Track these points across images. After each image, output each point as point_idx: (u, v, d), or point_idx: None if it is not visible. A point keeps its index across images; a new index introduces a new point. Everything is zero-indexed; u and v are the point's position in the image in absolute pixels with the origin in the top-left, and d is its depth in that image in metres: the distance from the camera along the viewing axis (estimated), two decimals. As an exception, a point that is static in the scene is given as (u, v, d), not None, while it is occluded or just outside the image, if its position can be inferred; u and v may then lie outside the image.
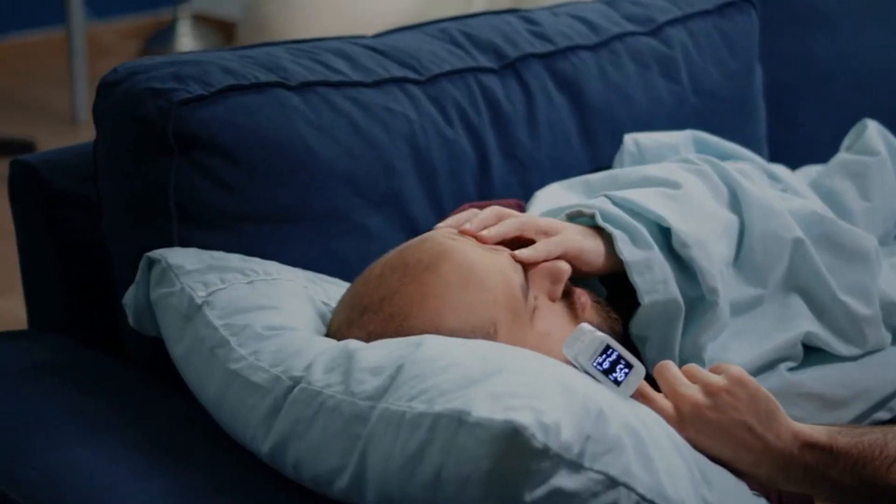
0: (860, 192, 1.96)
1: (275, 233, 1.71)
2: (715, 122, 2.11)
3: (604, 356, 1.41)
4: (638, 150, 1.92)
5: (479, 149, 1.88)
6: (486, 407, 1.27)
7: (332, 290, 1.65)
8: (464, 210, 1.67)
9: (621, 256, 1.59)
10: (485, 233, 1.57)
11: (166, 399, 1.60)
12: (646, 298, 1.59)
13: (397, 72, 1.86)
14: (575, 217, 1.65)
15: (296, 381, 1.43)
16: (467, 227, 1.58)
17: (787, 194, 1.88)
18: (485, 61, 1.94)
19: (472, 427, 1.26)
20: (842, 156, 2.02)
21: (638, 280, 1.59)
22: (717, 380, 1.45)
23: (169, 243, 1.67)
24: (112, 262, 1.72)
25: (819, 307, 1.73)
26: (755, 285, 1.72)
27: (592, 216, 1.63)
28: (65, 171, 1.80)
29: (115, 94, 1.70)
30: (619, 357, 1.41)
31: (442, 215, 1.79)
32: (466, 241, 1.54)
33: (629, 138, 1.91)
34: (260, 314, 1.53)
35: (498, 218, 1.60)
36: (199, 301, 1.56)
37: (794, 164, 2.14)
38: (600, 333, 1.42)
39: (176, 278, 1.59)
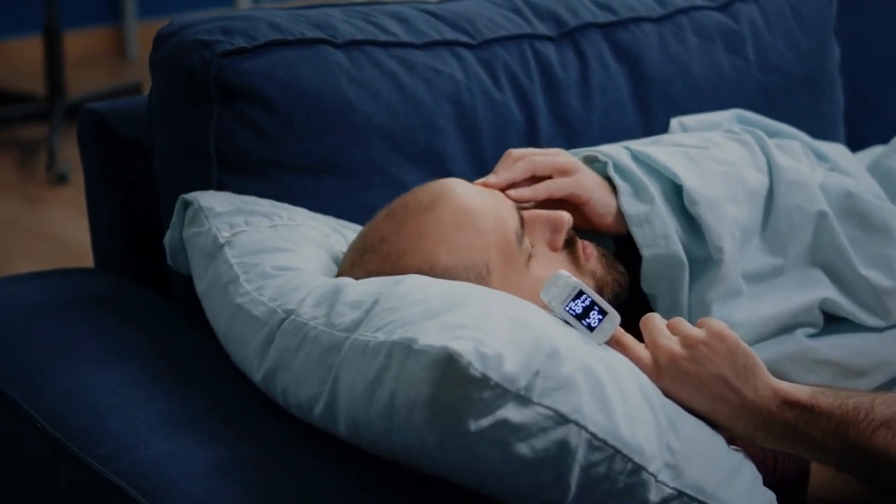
0: None
1: (310, 182, 1.78)
2: (782, 98, 2.12)
3: (577, 301, 1.44)
4: (683, 131, 1.94)
5: (527, 112, 1.93)
6: (432, 336, 1.32)
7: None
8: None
9: (622, 208, 1.62)
10: (492, 179, 1.62)
11: (194, 335, 1.68)
12: (645, 251, 1.63)
13: (450, 35, 1.92)
14: (592, 161, 1.69)
15: (288, 314, 1.50)
16: (481, 179, 1.64)
17: (832, 172, 1.88)
18: (543, 29, 1.99)
19: (417, 354, 1.32)
20: (903, 136, 2.02)
21: (637, 232, 1.62)
22: (696, 332, 1.48)
23: (208, 187, 1.76)
24: (161, 204, 1.82)
25: (842, 280, 1.73)
26: (777, 255, 1.73)
27: (606, 164, 1.66)
28: (128, 119, 1.91)
29: (167, 45, 1.80)
30: (594, 303, 1.45)
31: (484, 173, 1.84)
32: (470, 185, 1.60)
33: (675, 122, 1.94)
34: (274, 255, 1.60)
35: (515, 161, 1.65)
36: (221, 241, 1.64)
37: (873, 146, 2.14)
38: (574, 279, 1.45)
39: (206, 219, 1.68)
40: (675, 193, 1.68)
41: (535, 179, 1.66)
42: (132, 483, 1.41)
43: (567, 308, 1.44)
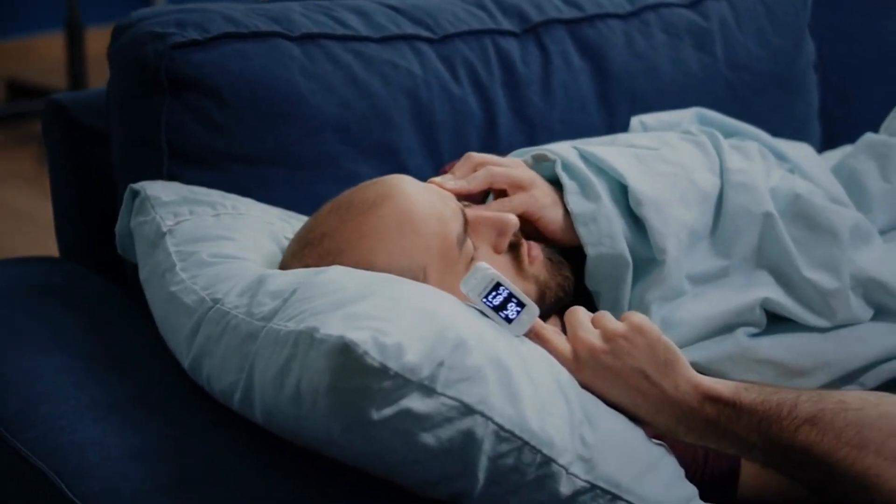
0: (881, 173, 1.95)
1: (261, 174, 1.80)
2: (751, 96, 2.12)
3: (494, 293, 1.45)
4: (644, 130, 1.94)
5: (486, 107, 1.94)
6: (334, 325, 1.33)
7: (303, 228, 1.73)
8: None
9: (568, 207, 1.63)
10: (450, 185, 1.63)
11: (138, 322, 1.70)
12: (590, 250, 1.63)
13: (410, 29, 1.93)
14: (540, 160, 1.70)
15: (216, 302, 1.51)
16: (437, 179, 1.65)
17: (788, 174, 1.88)
18: (507, 25, 2.00)
19: (318, 343, 1.32)
20: (869, 136, 2.00)
21: (582, 231, 1.63)
22: (617, 326, 1.48)
23: (159, 178, 1.78)
24: (118, 194, 1.84)
25: (787, 282, 1.73)
26: (723, 257, 1.73)
27: (554, 163, 1.67)
28: (91, 110, 1.93)
29: (124, 37, 1.82)
30: (511, 295, 1.45)
31: (440, 166, 1.86)
32: (419, 185, 1.60)
33: (636, 120, 1.94)
34: (212, 244, 1.62)
35: (475, 167, 1.66)
36: (164, 229, 1.66)
37: (848, 143, 2.13)
38: (492, 271, 1.46)
39: (151, 208, 1.70)
40: (623, 194, 1.69)
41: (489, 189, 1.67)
42: (52, 466, 1.44)
43: (484, 300, 1.45)
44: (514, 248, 1.63)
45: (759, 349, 1.70)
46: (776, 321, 1.74)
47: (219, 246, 1.62)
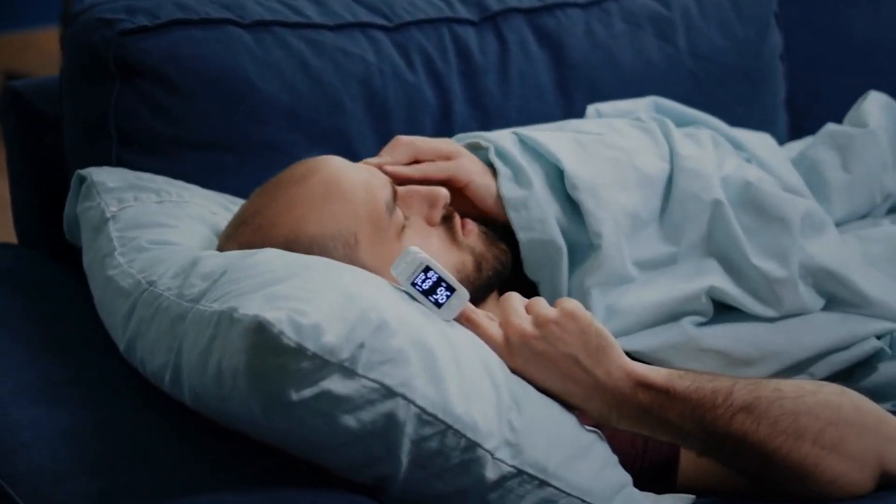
0: (842, 164, 1.94)
1: (211, 160, 1.81)
2: (715, 87, 2.11)
3: (424, 277, 1.44)
4: (599, 118, 1.94)
5: (441, 95, 1.94)
6: (253, 305, 1.33)
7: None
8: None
9: (500, 192, 1.63)
10: (374, 161, 1.64)
11: (81, 307, 1.70)
12: (521, 235, 1.63)
13: (365, 17, 1.93)
14: (476, 148, 1.70)
15: (150, 285, 1.51)
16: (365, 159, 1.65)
17: (744, 163, 1.87)
18: (465, 13, 1.99)
19: (236, 323, 1.32)
20: (830, 126, 2.00)
21: (514, 216, 1.63)
22: (548, 311, 1.47)
23: (109, 164, 1.78)
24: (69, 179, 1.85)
25: (735, 270, 1.72)
26: (671, 243, 1.73)
27: (488, 149, 1.67)
28: (46, 96, 1.93)
29: (75, 23, 1.83)
30: (441, 279, 1.45)
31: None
32: (346, 160, 1.62)
33: (591, 108, 1.94)
34: (153, 230, 1.63)
35: (399, 145, 1.67)
36: (108, 215, 1.66)
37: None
38: (422, 255, 1.45)
39: (97, 194, 1.70)
40: (561, 179, 1.68)
41: (417, 163, 1.67)
42: (-16, 447, 1.44)
43: (413, 283, 1.44)
44: (447, 220, 1.64)
45: (705, 338, 1.69)
46: (723, 311, 1.73)
47: (159, 233, 1.62)
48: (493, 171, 1.69)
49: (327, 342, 1.31)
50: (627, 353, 1.64)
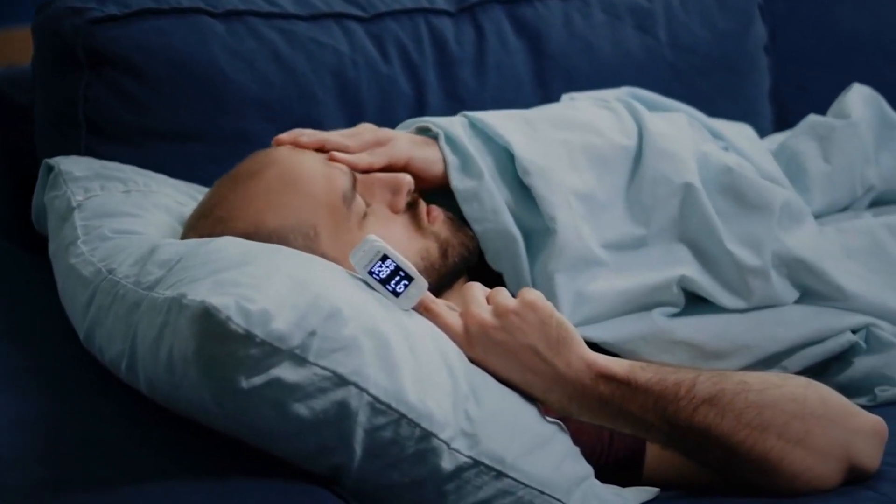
0: (822, 155, 1.92)
1: (180, 150, 1.80)
2: (696, 79, 2.10)
3: (381, 266, 1.43)
4: None
5: (416, 86, 1.93)
6: (202, 291, 1.31)
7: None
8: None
9: (451, 184, 1.62)
10: (303, 140, 1.63)
11: (47, 296, 1.69)
12: (476, 227, 1.62)
13: (340, 8, 1.92)
14: (426, 132, 1.68)
15: (110, 273, 1.50)
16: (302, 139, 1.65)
17: (726, 152, 1.85)
18: (442, 4, 1.99)
19: (184, 309, 1.31)
20: (812, 117, 1.98)
21: (466, 208, 1.62)
22: (509, 302, 1.45)
23: (77, 153, 1.77)
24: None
25: (706, 256, 1.71)
26: (639, 225, 1.71)
27: (437, 136, 1.66)
28: (19, 86, 1.93)
29: (45, 12, 1.82)
30: (399, 268, 1.43)
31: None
32: (301, 153, 1.61)
33: (565, 97, 1.92)
34: (117, 219, 1.62)
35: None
36: (74, 204, 1.66)
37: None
38: (380, 243, 1.43)
39: (64, 183, 1.69)
40: (511, 162, 1.67)
41: None
42: (-63, 436, 1.43)
43: (371, 272, 1.43)
44: (412, 207, 1.62)
45: (675, 330, 1.67)
46: (696, 302, 1.72)
47: (123, 222, 1.61)
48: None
49: (276, 329, 1.29)
50: (597, 344, 1.64)
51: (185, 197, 1.73)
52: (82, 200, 1.66)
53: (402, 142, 1.65)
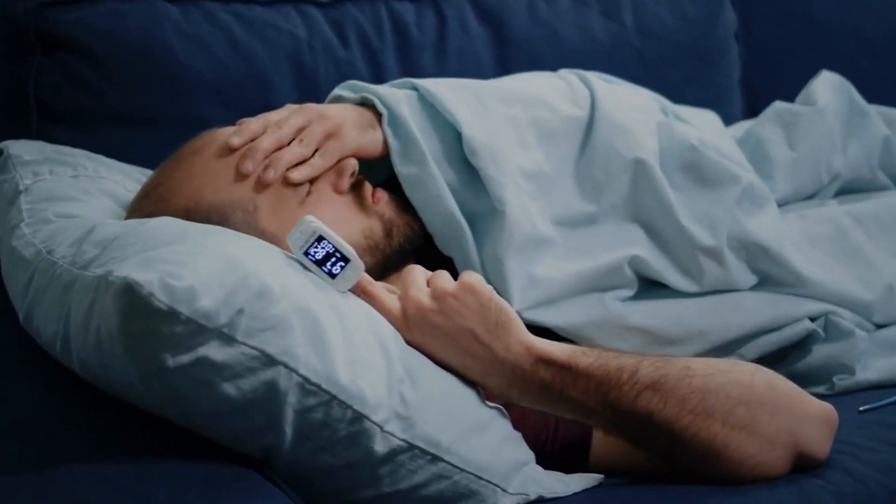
0: (787, 142, 1.90)
1: (133, 134, 1.80)
2: (662, 66, 2.08)
3: (317, 246, 1.41)
4: None
5: (376, 72, 1.93)
6: (127, 269, 1.29)
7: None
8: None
9: (395, 170, 1.60)
10: (256, 143, 1.61)
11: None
12: (421, 213, 1.61)
13: (301, -7, 1.91)
14: (368, 101, 1.66)
15: (49, 253, 1.49)
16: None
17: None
18: (405, -10, 1.97)
19: (109, 285, 1.29)
20: (777, 104, 1.96)
21: (411, 195, 1.60)
22: (447, 285, 1.43)
23: (28, 137, 1.76)
24: (-9, 154, 1.83)
25: (660, 237, 1.68)
26: (590, 201, 1.68)
27: (381, 116, 1.64)
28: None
29: (-2, -4, 1.81)
30: (336, 250, 1.41)
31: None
32: None
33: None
34: (62, 204, 1.61)
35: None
36: (21, 188, 1.65)
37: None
38: (316, 224, 1.42)
39: (13, 167, 1.69)
40: (458, 140, 1.65)
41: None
42: None
43: (306, 252, 1.41)
44: (356, 188, 1.62)
45: (628, 316, 1.65)
46: (651, 287, 1.70)
47: (67, 206, 1.61)
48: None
49: (202, 306, 1.27)
50: (550, 330, 1.62)
51: (133, 183, 1.72)
52: (30, 184, 1.65)
53: (350, 129, 1.63)
